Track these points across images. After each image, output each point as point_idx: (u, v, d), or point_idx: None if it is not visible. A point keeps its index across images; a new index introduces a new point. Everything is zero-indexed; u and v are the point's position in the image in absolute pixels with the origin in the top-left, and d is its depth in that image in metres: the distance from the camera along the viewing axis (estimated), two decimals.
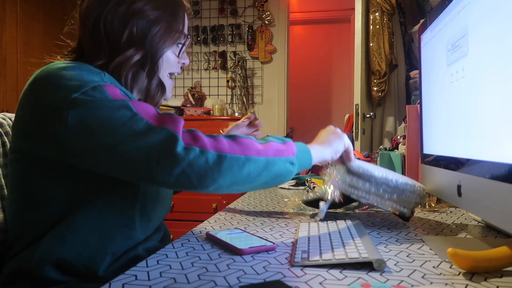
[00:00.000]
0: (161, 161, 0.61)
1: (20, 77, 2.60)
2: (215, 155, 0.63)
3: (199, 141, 0.64)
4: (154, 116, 0.64)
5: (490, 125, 0.61)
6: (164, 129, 0.62)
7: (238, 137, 0.68)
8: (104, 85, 0.64)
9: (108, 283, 0.54)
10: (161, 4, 0.75)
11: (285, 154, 0.71)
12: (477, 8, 0.66)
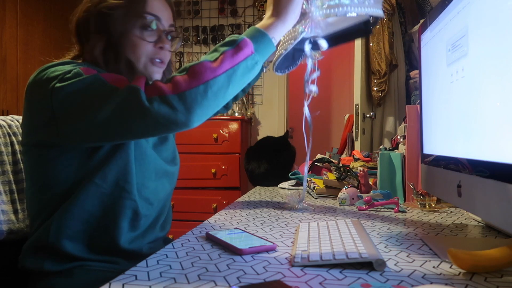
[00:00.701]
0: (133, 115, 0.68)
1: (20, 77, 2.60)
2: (175, 97, 0.68)
3: (157, 89, 0.68)
4: (121, 81, 0.71)
5: (490, 125, 0.61)
6: (128, 86, 0.69)
7: (190, 67, 0.70)
8: (80, 68, 0.72)
9: (108, 283, 0.54)
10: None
11: (242, 57, 0.72)
12: (477, 8, 0.66)
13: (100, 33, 0.81)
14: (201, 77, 0.69)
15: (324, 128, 4.75)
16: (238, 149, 2.98)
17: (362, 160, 1.67)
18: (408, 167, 1.24)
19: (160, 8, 0.84)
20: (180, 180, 3.45)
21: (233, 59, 0.71)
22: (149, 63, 0.84)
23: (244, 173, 2.10)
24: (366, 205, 1.13)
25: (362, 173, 1.33)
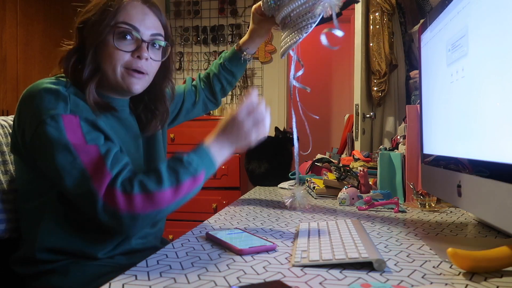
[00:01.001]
0: (85, 208, 0.74)
1: (20, 77, 2.60)
2: (128, 215, 0.72)
3: (115, 202, 0.71)
4: (89, 164, 0.73)
5: (490, 125, 0.61)
6: (90, 186, 0.71)
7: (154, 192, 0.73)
8: (62, 115, 0.74)
9: (108, 283, 0.54)
10: (97, 6, 0.82)
11: (197, 185, 0.79)
12: (477, 8, 0.66)
13: (79, 46, 0.83)
14: (159, 205, 0.73)
15: (324, 128, 4.75)
16: None
17: (362, 160, 1.67)
18: (408, 167, 1.24)
19: (139, 17, 0.83)
20: None
21: (190, 188, 0.77)
22: (125, 74, 0.83)
23: (244, 173, 2.09)
24: (366, 205, 1.13)
25: (362, 173, 1.33)
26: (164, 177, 0.74)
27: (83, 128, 0.75)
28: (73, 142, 0.73)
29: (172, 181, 0.75)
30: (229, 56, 1.20)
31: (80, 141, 0.73)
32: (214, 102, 1.24)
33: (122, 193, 0.71)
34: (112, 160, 0.74)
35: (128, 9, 0.82)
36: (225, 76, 1.21)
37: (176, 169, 0.76)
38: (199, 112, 1.22)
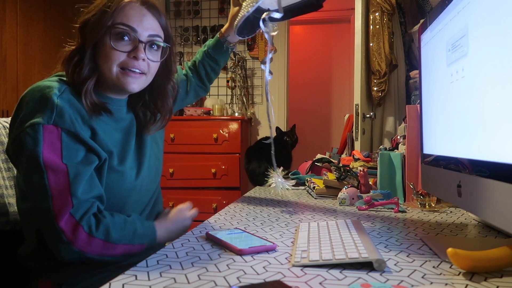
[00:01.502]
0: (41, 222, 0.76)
1: (20, 77, 2.60)
2: (76, 252, 0.75)
3: (73, 237, 0.74)
4: (54, 185, 0.74)
5: (490, 125, 0.61)
6: (50, 207, 0.74)
7: (114, 244, 0.78)
8: (44, 126, 0.74)
9: (108, 283, 0.54)
10: (97, 7, 0.84)
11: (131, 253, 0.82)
12: (477, 8, 0.66)
13: (80, 46, 0.84)
14: (109, 253, 0.78)
15: (324, 128, 4.76)
16: (238, 149, 2.98)
17: (362, 160, 1.67)
18: (408, 167, 1.24)
19: (136, 18, 0.84)
20: (180, 180, 3.45)
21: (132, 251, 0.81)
22: (120, 73, 0.84)
23: (244, 173, 2.10)
24: (366, 205, 1.13)
25: (362, 173, 1.33)
26: (125, 231, 0.79)
27: (63, 140, 0.76)
28: (45, 156, 0.74)
29: (129, 238, 0.80)
30: (213, 44, 1.22)
31: (53, 157, 0.74)
32: (204, 88, 1.27)
33: (85, 232, 0.75)
34: (80, 187, 0.75)
35: (126, 10, 0.83)
36: (209, 63, 1.24)
37: (137, 230, 0.82)
38: (191, 100, 1.26)
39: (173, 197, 2.97)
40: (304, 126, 4.66)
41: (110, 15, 0.82)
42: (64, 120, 0.76)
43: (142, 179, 0.91)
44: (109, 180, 0.83)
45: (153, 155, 0.98)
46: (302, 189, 1.58)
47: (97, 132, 0.82)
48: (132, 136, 0.92)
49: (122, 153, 0.88)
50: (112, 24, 0.82)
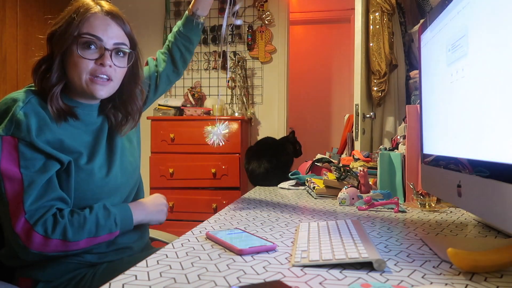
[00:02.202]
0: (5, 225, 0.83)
1: (20, 77, 2.60)
2: (35, 254, 0.82)
3: (28, 241, 0.81)
4: (10, 192, 0.80)
5: (490, 125, 0.61)
6: (8, 212, 0.81)
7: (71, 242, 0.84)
8: (3, 137, 0.81)
9: (108, 283, 0.54)
10: (63, 18, 0.91)
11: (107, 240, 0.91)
12: (477, 8, 0.66)
13: (48, 56, 0.91)
14: (70, 249, 0.85)
15: (324, 128, 4.75)
16: (238, 149, 2.98)
17: (362, 160, 1.67)
18: (408, 167, 1.24)
19: (101, 28, 0.90)
20: (180, 180, 3.45)
21: (103, 240, 0.90)
22: (89, 80, 0.90)
23: (244, 173, 2.09)
24: (366, 205, 1.13)
25: (362, 173, 1.33)
26: (86, 227, 0.85)
27: (20, 151, 0.81)
28: (3, 166, 0.80)
29: (91, 232, 0.86)
30: (183, 22, 1.26)
31: (10, 166, 0.80)
32: (176, 72, 1.29)
33: (40, 235, 0.81)
34: (33, 195, 0.81)
35: (91, 21, 0.89)
36: (183, 43, 1.26)
37: (99, 222, 0.87)
38: (164, 88, 1.28)
39: (173, 197, 2.97)
40: (304, 126, 4.66)
41: (76, 25, 0.88)
42: (22, 131, 0.82)
43: (114, 176, 0.97)
44: (78, 178, 0.89)
45: (126, 153, 1.04)
46: (302, 189, 1.58)
47: (63, 137, 0.88)
48: (103, 137, 0.98)
49: (92, 153, 0.94)
50: (79, 34, 0.88)
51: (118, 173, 0.98)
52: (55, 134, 0.86)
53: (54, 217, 0.83)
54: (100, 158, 0.95)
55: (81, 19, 0.89)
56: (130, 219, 0.95)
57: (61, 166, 0.86)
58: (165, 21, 3.57)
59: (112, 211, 0.91)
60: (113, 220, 0.91)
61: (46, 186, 0.83)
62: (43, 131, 0.84)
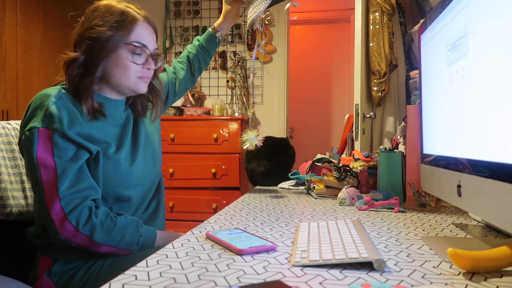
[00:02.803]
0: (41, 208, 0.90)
1: (20, 77, 2.60)
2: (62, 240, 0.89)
3: (61, 227, 0.88)
4: (45, 180, 0.87)
5: (490, 125, 0.61)
6: (43, 198, 0.87)
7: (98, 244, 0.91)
8: (39, 129, 0.88)
9: (108, 283, 0.54)
10: (108, 23, 0.96)
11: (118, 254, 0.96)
12: (477, 8, 0.66)
13: (85, 57, 0.95)
14: (95, 249, 0.92)
15: (324, 128, 4.75)
16: (238, 149, 2.98)
17: (362, 160, 1.67)
18: (408, 167, 1.24)
19: (148, 36, 1.01)
20: (180, 180, 3.45)
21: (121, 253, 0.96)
22: (137, 81, 1.01)
23: (244, 173, 2.09)
24: (366, 205, 1.13)
25: (362, 173, 1.33)
26: (112, 235, 0.91)
27: (54, 141, 0.88)
28: (38, 155, 0.87)
29: (114, 241, 0.92)
30: (206, 38, 1.41)
31: (45, 155, 0.88)
32: (192, 81, 1.43)
33: (72, 225, 0.88)
34: (66, 182, 0.88)
35: (139, 30, 0.99)
36: (203, 56, 1.41)
37: (125, 237, 0.94)
38: (181, 93, 1.41)
39: (173, 197, 2.97)
40: (304, 126, 4.66)
41: (125, 33, 0.96)
42: (55, 123, 0.88)
43: (137, 167, 1.04)
44: (106, 166, 0.97)
45: (149, 146, 1.12)
46: (302, 189, 1.58)
47: (92, 130, 0.94)
48: (129, 130, 1.06)
49: (119, 144, 1.02)
50: (130, 42, 0.97)
51: (141, 164, 1.06)
52: (84, 128, 0.93)
53: (89, 211, 0.90)
54: (126, 149, 1.02)
55: (131, 28, 0.97)
56: (152, 243, 1.01)
57: (90, 155, 0.93)
58: (165, 21, 3.57)
59: (141, 231, 0.97)
60: (137, 240, 0.96)
61: (78, 173, 0.90)
62: (74, 124, 0.91)
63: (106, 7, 0.98)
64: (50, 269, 0.97)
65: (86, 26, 0.96)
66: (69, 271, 0.97)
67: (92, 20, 0.96)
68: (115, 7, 0.98)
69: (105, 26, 0.95)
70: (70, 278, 0.96)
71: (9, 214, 1.05)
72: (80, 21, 0.99)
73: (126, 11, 0.98)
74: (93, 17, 0.96)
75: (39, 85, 2.72)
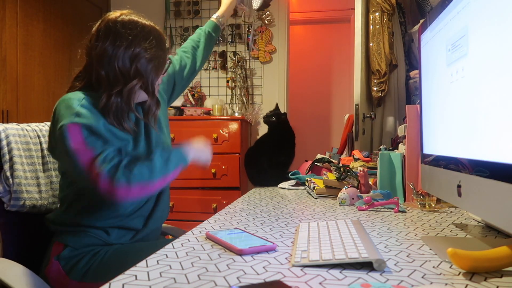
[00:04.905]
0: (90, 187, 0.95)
1: (20, 77, 2.60)
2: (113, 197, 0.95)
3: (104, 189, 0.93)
4: (86, 163, 0.94)
5: (490, 125, 0.61)
6: (86, 177, 0.93)
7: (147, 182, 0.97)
8: (69, 125, 0.95)
9: (108, 283, 0.54)
10: (152, 45, 1.06)
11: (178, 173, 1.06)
12: (477, 8, 0.66)
13: (139, 76, 1.05)
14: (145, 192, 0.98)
15: (324, 128, 4.75)
16: (238, 149, 2.97)
17: (362, 160, 1.67)
18: (408, 167, 1.24)
19: None
20: (180, 180, 3.44)
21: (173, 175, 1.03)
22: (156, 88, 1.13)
23: (244, 173, 2.09)
24: (366, 205, 1.13)
25: (362, 173, 1.33)
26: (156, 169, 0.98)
27: (83, 133, 0.95)
28: (73, 146, 0.94)
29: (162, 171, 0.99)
30: (213, 27, 1.52)
31: (79, 145, 0.94)
32: (195, 72, 1.49)
33: (122, 187, 0.92)
34: (103, 159, 0.93)
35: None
36: (210, 44, 1.52)
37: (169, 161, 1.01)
38: (188, 83, 1.49)
39: (173, 197, 2.97)
40: (304, 126, 4.66)
41: (166, 53, 1.11)
42: (82, 118, 0.96)
43: None
44: None
45: (159, 141, 1.18)
46: (302, 189, 1.58)
47: (112, 129, 1.02)
48: (141, 128, 1.13)
49: (135, 141, 1.09)
50: (166, 60, 1.11)
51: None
52: (106, 125, 1.01)
53: (126, 168, 0.94)
54: (142, 146, 1.10)
55: (165, 47, 1.11)
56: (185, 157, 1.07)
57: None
58: (165, 21, 3.57)
59: (170, 152, 1.05)
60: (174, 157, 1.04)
61: (113, 152, 0.96)
62: (98, 121, 0.98)
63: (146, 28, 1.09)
64: (60, 254, 1.05)
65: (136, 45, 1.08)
66: (76, 257, 1.04)
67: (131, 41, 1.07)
68: (154, 31, 1.10)
69: (148, 47, 1.07)
70: (76, 263, 1.03)
71: (22, 206, 1.14)
72: None
73: (159, 32, 1.12)
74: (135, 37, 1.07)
75: (39, 85, 2.72)
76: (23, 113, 2.61)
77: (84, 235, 1.06)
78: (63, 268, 1.04)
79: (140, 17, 1.09)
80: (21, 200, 1.14)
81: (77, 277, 1.02)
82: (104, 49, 1.03)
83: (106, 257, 1.03)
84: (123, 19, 1.05)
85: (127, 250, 1.05)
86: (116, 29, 1.03)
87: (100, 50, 1.03)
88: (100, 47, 1.03)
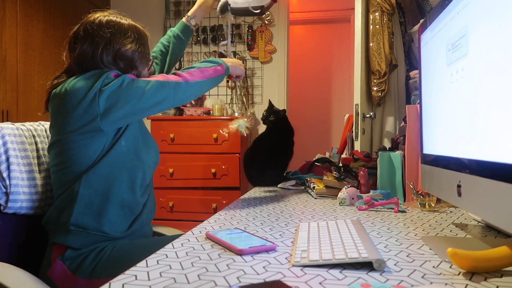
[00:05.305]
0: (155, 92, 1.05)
1: (20, 77, 2.60)
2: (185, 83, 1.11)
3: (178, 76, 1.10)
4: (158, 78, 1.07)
5: (490, 125, 0.61)
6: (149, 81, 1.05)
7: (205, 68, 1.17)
8: (111, 73, 1.02)
9: (108, 283, 0.54)
10: (131, 40, 1.09)
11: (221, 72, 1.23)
12: (477, 8, 0.66)
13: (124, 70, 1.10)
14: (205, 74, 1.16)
15: (324, 128, 4.75)
16: (238, 149, 2.97)
17: (362, 160, 1.67)
18: (408, 167, 1.24)
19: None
20: (180, 180, 3.44)
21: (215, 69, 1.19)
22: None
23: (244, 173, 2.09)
24: (366, 205, 1.13)
25: (362, 173, 1.33)
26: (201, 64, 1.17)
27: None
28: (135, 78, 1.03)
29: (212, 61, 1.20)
30: (181, 28, 1.47)
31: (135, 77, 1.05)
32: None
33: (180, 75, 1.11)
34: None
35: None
36: (179, 47, 1.48)
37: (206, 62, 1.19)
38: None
39: (173, 197, 2.97)
40: (304, 126, 4.66)
41: (148, 48, 1.15)
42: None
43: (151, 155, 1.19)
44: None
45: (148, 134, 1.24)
46: (302, 189, 1.58)
47: None
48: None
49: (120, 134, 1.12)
50: (149, 54, 1.16)
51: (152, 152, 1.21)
52: None
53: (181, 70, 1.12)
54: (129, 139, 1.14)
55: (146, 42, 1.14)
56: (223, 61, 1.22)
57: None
58: (165, 21, 3.57)
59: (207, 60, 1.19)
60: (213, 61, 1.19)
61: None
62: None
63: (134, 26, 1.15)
64: (63, 254, 1.03)
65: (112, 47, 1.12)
66: (81, 255, 1.03)
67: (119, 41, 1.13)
68: (136, 27, 1.14)
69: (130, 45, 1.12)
70: (82, 262, 1.02)
71: (19, 208, 1.12)
72: None
73: (141, 29, 1.16)
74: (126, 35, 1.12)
75: (39, 85, 2.72)
76: (23, 113, 2.61)
77: (86, 235, 1.05)
78: (68, 268, 1.03)
79: (119, 17, 1.10)
80: (18, 202, 1.11)
81: (85, 274, 1.02)
82: (83, 51, 1.05)
83: (114, 253, 1.03)
84: (101, 20, 1.07)
85: (135, 244, 1.06)
86: (93, 30, 1.05)
87: (80, 52, 1.06)
88: (79, 49, 1.06)
